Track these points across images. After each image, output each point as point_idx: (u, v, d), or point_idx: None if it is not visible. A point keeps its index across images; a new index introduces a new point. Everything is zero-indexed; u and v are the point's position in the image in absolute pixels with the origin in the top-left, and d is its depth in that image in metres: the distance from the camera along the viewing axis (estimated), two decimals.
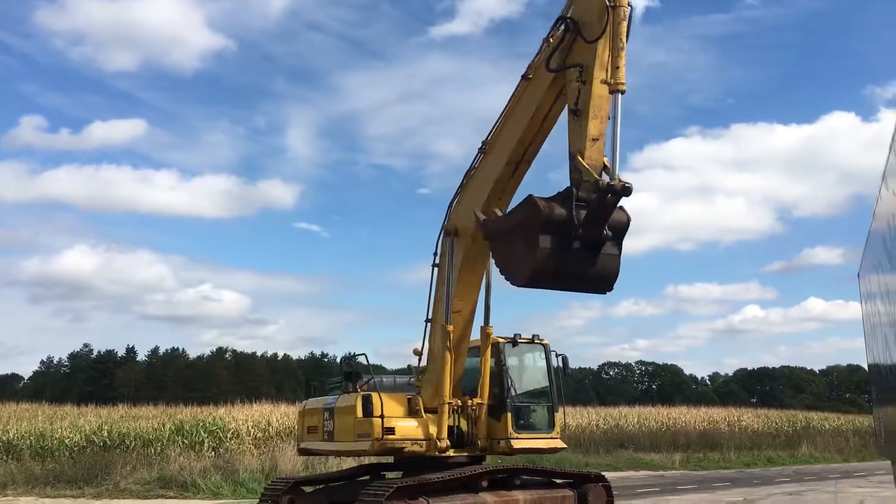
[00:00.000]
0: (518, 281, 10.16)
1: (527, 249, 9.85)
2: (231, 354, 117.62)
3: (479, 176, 12.71)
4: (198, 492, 21.64)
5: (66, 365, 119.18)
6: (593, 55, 9.87)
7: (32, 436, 25.97)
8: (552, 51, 10.56)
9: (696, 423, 44.45)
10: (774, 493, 22.98)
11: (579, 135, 9.87)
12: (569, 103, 10.15)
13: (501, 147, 12.20)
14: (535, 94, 11.39)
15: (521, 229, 10.04)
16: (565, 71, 10.30)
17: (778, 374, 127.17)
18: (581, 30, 10.13)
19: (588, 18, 10.11)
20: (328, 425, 14.34)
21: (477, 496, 13.37)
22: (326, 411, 14.49)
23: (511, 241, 10.31)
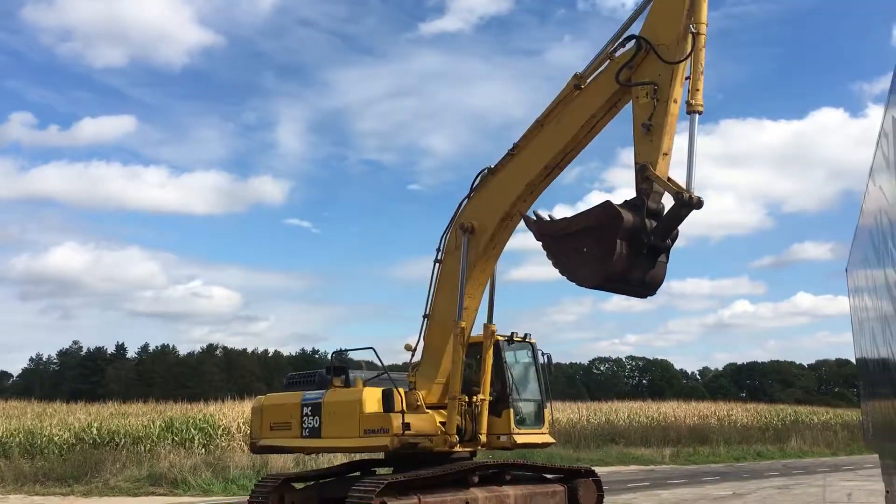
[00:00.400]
0: (588, 282, 10.78)
1: (602, 253, 10.37)
2: (221, 351, 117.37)
3: (507, 177, 12.88)
4: (188, 489, 21.61)
5: (56, 362, 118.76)
6: (670, 76, 10.59)
7: (21, 433, 25.87)
8: (621, 66, 11.06)
9: (687, 418, 44.69)
10: (764, 486, 23.11)
11: (650, 149, 10.58)
12: (638, 118, 10.72)
13: (540, 151, 12.44)
14: (591, 105, 11.78)
15: (594, 233, 10.50)
16: (633, 87, 10.90)
17: (767, 368, 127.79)
18: (658, 51, 10.74)
19: (664, 41, 10.75)
20: (310, 421, 13.95)
21: (468, 492, 13.39)
22: (307, 406, 14.04)
23: (579, 243, 10.72)
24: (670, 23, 10.83)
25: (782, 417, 49.96)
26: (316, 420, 13.89)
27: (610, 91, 11.41)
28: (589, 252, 10.63)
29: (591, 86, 11.82)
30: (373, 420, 13.07)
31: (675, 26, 10.72)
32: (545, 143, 12.38)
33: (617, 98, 11.45)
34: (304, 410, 14.06)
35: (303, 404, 14.15)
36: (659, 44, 10.80)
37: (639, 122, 10.72)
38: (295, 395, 14.49)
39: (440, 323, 13.64)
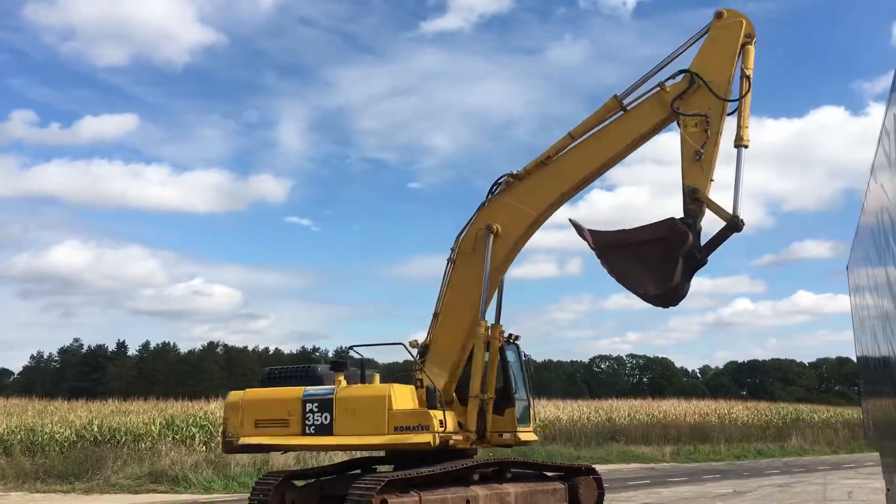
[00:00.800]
0: (651, 292, 11.91)
1: (666, 267, 11.63)
2: (222, 349, 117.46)
3: (539, 185, 13.31)
4: (189, 486, 21.62)
5: (57, 360, 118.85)
6: (720, 111, 12.01)
7: (22, 431, 25.90)
8: (675, 97, 12.25)
9: (687, 416, 44.71)
10: (764, 484, 23.12)
11: (701, 174, 11.89)
12: (688, 145, 12.00)
13: (579, 164, 13.10)
14: (638, 127, 12.75)
15: (658, 246, 11.67)
16: (685, 116, 12.11)
17: (768, 366, 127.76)
18: (711, 87, 12.06)
19: (714, 78, 12.11)
20: (317, 417, 13.40)
21: (468, 489, 13.39)
22: (313, 402, 13.39)
23: (639, 254, 11.88)
24: (721, 63, 12.23)
25: (783, 416, 49.97)
26: (325, 416, 13.29)
27: (659, 117, 12.48)
28: (650, 264, 11.79)
29: (638, 109, 12.73)
30: (407, 417, 12.93)
31: (727, 67, 12.16)
32: (585, 157, 13.07)
33: (664, 123, 12.52)
34: (309, 406, 13.42)
35: (305, 400, 13.50)
36: (709, 80, 12.10)
37: (690, 149, 11.97)
38: (290, 391, 13.68)
39: (451, 321, 13.73)
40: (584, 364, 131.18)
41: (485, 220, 13.59)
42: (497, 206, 13.61)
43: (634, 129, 12.76)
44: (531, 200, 13.35)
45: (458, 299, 13.69)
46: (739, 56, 12.21)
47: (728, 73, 12.17)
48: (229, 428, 13.88)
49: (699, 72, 12.24)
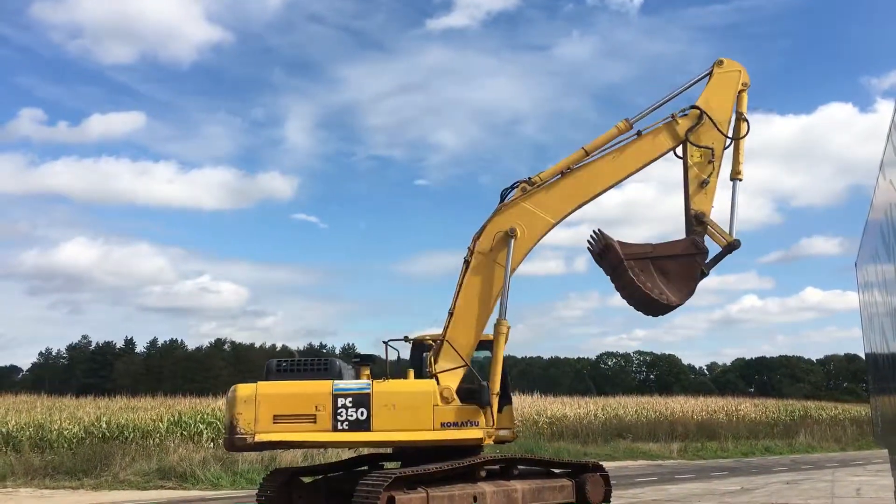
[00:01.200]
0: (675, 301, 13.55)
1: (687, 280, 13.65)
2: (230, 346, 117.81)
3: (559, 195, 14.19)
4: (197, 483, 21.69)
5: (65, 357, 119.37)
6: (722, 146, 14.18)
7: (31, 427, 26.00)
8: (688, 129, 14.15)
9: (694, 413, 44.59)
10: (772, 481, 23.06)
11: (705, 200, 14.04)
12: (695, 173, 14.07)
13: (597, 180, 14.30)
14: (651, 151, 14.31)
15: (680, 261, 13.71)
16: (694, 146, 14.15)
17: (776, 363, 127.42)
18: (716, 124, 14.13)
19: (719, 118, 14.16)
20: (351, 413, 12.79)
21: (475, 486, 13.40)
22: (346, 397, 12.85)
23: (664, 267, 13.66)
24: (723, 104, 14.33)
25: (791, 412, 49.81)
26: (361, 412, 12.84)
27: (671, 144, 14.24)
28: (673, 276, 13.60)
29: (652, 135, 14.28)
30: (457, 413, 13.14)
31: (727, 108, 14.34)
32: (603, 173, 14.29)
33: (673, 150, 14.27)
34: (341, 401, 12.87)
35: (337, 394, 12.95)
36: (714, 118, 14.14)
37: (697, 177, 14.05)
38: (317, 384, 13.00)
39: (466, 320, 13.88)
40: (591, 361, 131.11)
41: (505, 222, 14.02)
42: (517, 210, 14.10)
43: (649, 153, 14.28)
44: (550, 208, 14.14)
45: (474, 298, 13.91)
46: (736, 100, 14.36)
47: (728, 113, 14.29)
48: (240, 424, 12.65)
49: (704, 108, 14.19)
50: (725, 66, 14.61)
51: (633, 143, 14.25)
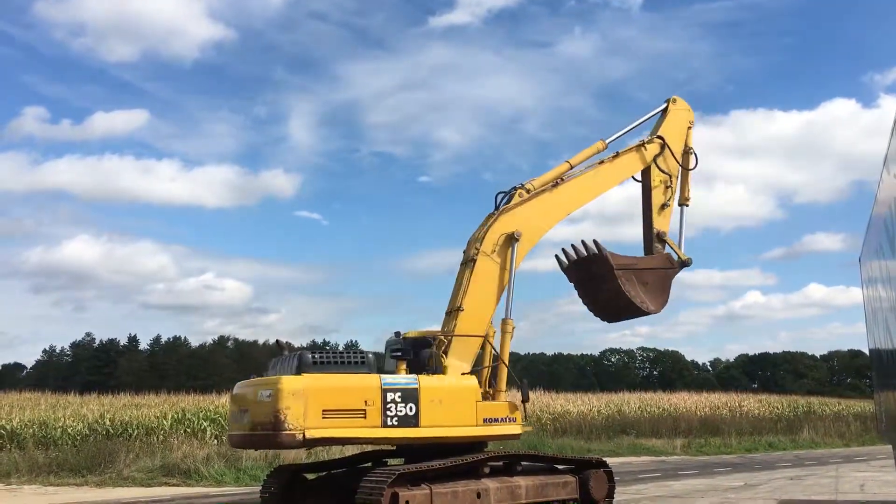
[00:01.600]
0: (652, 309, 15.57)
1: (662, 290, 15.85)
2: (233, 343, 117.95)
3: (551, 204, 15.33)
4: (201, 479, 21.72)
5: (69, 354, 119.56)
6: (677, 173, 16.74)
7: (35, 424, 26.05)
8: (655, 156, 16.45)
9: (698, 409, 44.58)
10: (776, 477, 23.04)
11: (664, 221, 16.37)
12: (657, 196, 16.37)
13: (583, 193, 15.73)
14: (625, 171, 16.28)
15: (658, 274, 15.80)
16: (653, 170, 16.43)
17: (779, 359, 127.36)
18: (673, 153, 16.63)
19: (675, 148, 16.68)
20: (400, 408, 12.55)
21: (479, 482, 13.42)
22: (395, 391, 12.56)
23: (645, 279, 15.54)
24: (678, 136, 16.82)
25: (794, 408, 49.77)
26: (410, 407, 12.64)
27: (639, 167, 16.41)
28: (651, 286, 15.57)
29: (625, 157, 16.21)
30: (497, 409, 13.67)
31: (680, 140, 16.88)
32: (584, 189, 15.74)
33: (641, 171, 16.43)
34: (390, 396, 12.55)
35: (385, 389, 12.58)
36: (672, 149, 16.56)
37: (658, 200, 16.32)
38: (367, 378, 12.65)
39: (474, 318, 14.22)
40: (594, 357, 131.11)
41: (508, 226, 14.75)
42: (516, 215, 14.89)
43: (621, 173, 16.24)
44: (545, 216, 15.25)
45: (483, 297, 14.39)
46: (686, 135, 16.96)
47: (681, 146, 16.85)
48: (289, 419, 11.89)
49: (666, 140, 16.52)
50: (679, 104, 17.04)
51: (609, 164, 16.00)
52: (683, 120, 17.07)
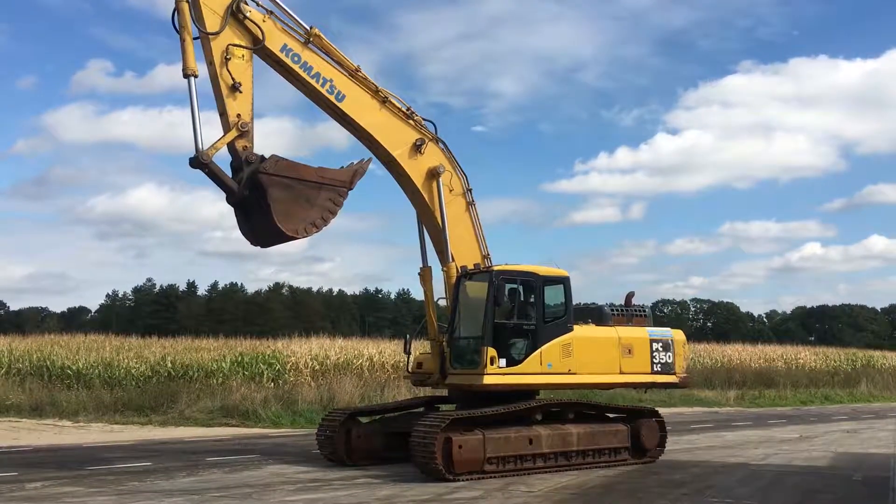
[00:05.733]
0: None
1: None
2: (288, 290, 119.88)
3: None
4: (258, 421, 22.33)
5: (131, 299, 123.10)
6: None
7: (101, 365, 26.96)
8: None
9: (752, 361, 44.06)
10: (831, 430, 22.77)
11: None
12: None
13: None
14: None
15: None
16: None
17: (838, 312, 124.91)
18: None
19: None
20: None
21: (531, 429, 13.54)
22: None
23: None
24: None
25: (852, 361, 48.84)
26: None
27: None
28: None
29: None
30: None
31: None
32: None
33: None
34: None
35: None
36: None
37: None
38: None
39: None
40: None
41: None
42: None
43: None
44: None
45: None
46: None
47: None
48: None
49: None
50: None
51: None
52: None
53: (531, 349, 13.66)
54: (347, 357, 29.85)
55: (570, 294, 14.31)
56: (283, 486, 12.13)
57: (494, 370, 13.24)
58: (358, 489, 11.86)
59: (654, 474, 13.72)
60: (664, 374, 15.14)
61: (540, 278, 14.16)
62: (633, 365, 14.74)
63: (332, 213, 13.09)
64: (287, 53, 13.17)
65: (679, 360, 15.30)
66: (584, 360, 14.11)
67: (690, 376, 16.12)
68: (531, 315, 14.01)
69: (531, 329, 13.85)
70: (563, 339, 13.89)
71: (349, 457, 14.39)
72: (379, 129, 14.09)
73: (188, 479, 12.71)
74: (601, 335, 14.65)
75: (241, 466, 14.21)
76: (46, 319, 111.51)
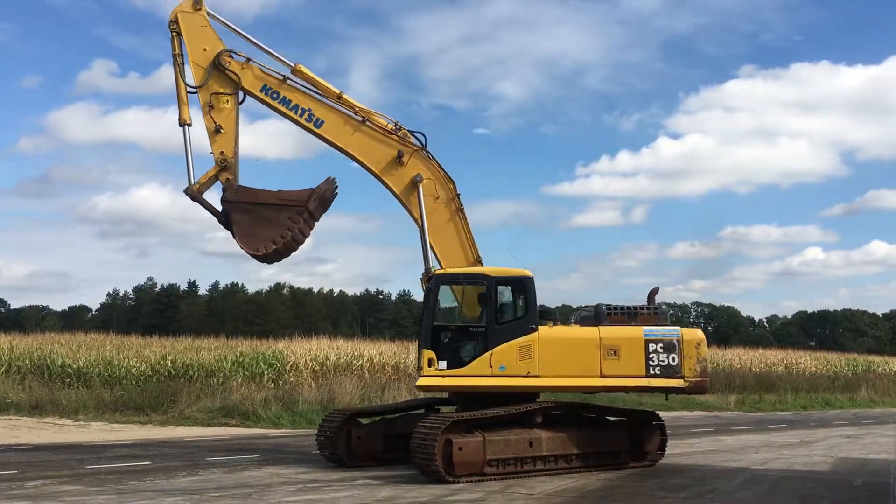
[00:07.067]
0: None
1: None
2: (289, 290, 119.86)
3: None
4: (258, 421, 22.31)
5: (132, 298, 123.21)
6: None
7: (101, 364, 26.94)
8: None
9: (753, 365, 43.97)
10: (832, 435, 22.73)
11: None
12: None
13: None
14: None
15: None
16: None
17: (839, 317, 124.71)
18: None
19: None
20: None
21: (531, 431, 13.53)
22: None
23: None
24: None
25: (853, 367, 48.74)
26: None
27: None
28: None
29: None
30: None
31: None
32: None
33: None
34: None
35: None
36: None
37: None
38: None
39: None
40: None
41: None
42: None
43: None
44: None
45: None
46: None
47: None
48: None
49: None
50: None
51: None
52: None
53: (481, 351, 13.57)
54: (348, 358, 29.85)
55: (533, 294, 13.88)
56: (283, 486, 12.12)
57: (432, 372, 13.45)
58: (358, 490, 11.84)
59: (655, 478, 13.69)
60: (665, 377, 13.90)
61: (492, 279, 13.94)
62: (619, 367, 13.73)
63: (290, 231, 14.30)
64: (266, 92, 14.90)
65: (689, 362, 13.92)
66: (550, 362, 13.56)
67: (707, 381, 14.32)
68: (482, 317, 13.91)
69: (480, 331, 13.76)
70: (521, 341, 13.54)
71: (349, 458, 14.37)
72: (358, 148, 14.98)
73: (188, 479, 12.70)
74: (575, 336, 14.05)
75: (240, 467, 14.19)
76: (47, 318, 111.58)
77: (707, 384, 14.41)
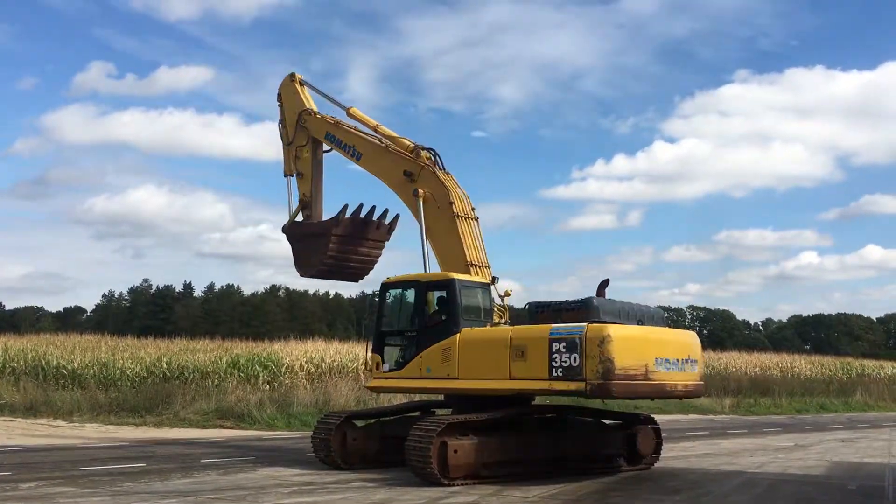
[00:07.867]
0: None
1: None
2: (284, 292, 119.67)
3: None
4: (253, 423, 22.29)
5: (127, 299, 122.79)
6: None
7: (96, 366, 26.90)
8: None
9: (748, 369, 44.07)
10: (827, 439, 22.78)
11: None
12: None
13: None
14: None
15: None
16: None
17: (833, 321, 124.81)
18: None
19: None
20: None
21: (526, 434, 13.52)
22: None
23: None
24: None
25: (848, 370, 48.85)
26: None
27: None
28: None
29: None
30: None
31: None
32: None
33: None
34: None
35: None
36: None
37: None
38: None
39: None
40: None
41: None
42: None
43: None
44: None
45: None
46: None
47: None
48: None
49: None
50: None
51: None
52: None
53: (413, 355, 13.94)
54: (343, 360, 29.83)
55: (455, 297, 13.75)
56: (278, 488, 12.10)
57: (379, 374, 14.49)
58: (353, 493, 11.82)
59: (650, 481, 13.70)
60: (566, 379, 12.18)
61: (422, 284, 14.30)
62: (525, 369, 12.61)
63: (324, 253, 17.17)
64: (328, 137, 17.81)
65: (591, 362, 11.95)
66: (468, 364, 13.27)
67: (612, 384, 11.98)
68: (415, 321, 14.30)
69: (413, 335, 14.13)
70: (443, 344, 13.55)
71: (344, 460, 14.36)
72: (382, 172, 16.71)
73: (182, 481, 12.67)
74: (489, 337, 13.53)
75: (235, 468, 14.17)
76: (42, 319, 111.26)
77: (613, 388, 12.06)
